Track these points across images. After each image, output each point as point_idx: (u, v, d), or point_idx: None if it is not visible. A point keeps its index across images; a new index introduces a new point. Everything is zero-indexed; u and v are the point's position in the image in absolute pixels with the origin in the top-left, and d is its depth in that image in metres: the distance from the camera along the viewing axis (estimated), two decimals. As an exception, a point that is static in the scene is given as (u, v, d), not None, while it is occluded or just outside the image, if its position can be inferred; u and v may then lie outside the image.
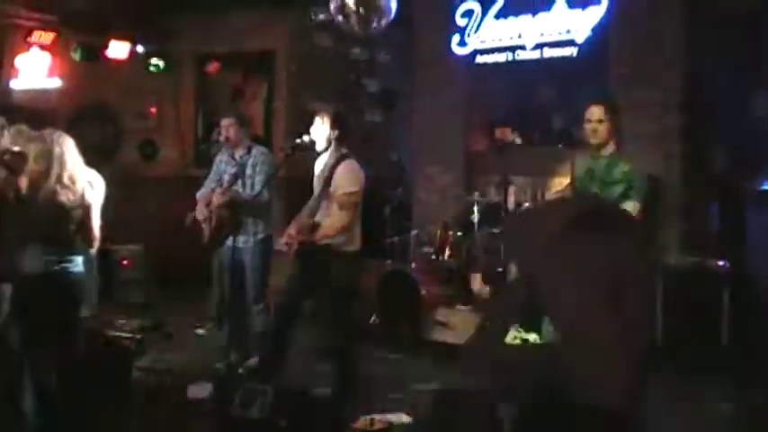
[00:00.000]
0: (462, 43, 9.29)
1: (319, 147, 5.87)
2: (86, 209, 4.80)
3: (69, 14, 10.32)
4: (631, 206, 5.11)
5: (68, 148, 4.79)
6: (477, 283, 8.01)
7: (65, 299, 4.83)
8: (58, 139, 4.79)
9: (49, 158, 4.69)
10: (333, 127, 5.79)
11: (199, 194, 6.88)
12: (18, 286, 4.80)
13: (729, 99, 7.88)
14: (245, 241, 6.61)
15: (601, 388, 2.66)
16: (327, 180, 5.76)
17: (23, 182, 4.69)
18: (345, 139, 5.87)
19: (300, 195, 6.24)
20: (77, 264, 4.84)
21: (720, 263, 7.22)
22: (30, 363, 4.77)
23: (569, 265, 2.75)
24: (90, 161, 5.04)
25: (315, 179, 5.97)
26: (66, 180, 4.71)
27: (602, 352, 2.70)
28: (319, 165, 5.96)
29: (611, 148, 5.38)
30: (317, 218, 5.76)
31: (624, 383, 2.71)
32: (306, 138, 5.85)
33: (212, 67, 10.97)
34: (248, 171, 6.67)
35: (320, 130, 5.83)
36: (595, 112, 5.37)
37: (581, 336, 2.73)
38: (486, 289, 7.87)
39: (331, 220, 5.71)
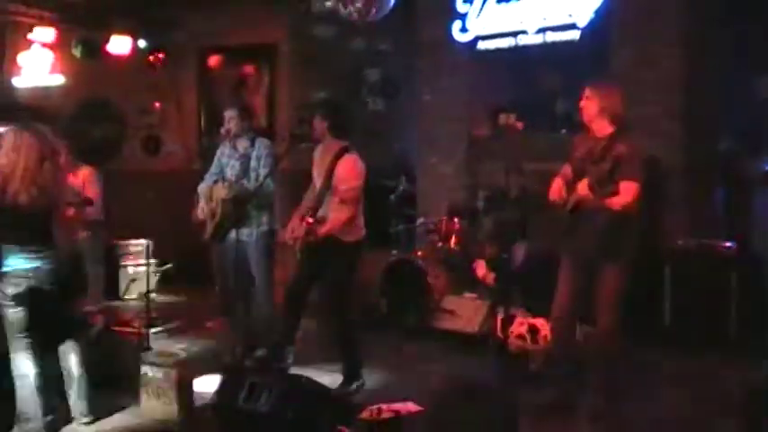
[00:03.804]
0: (464, 29, 9.21)
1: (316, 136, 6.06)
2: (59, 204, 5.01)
3: (69, 10, 10.30)
4: (623, 186, 5.14)
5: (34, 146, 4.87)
6: (482, 269, 7.98)
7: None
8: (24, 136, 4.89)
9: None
10: (326, 117, 5.93)
11: (200, 188, 6.86)
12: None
13: (732, 80, 7.83)
14: (248, 234, 6.60)
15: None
16: (329, 174, 5.85)
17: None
18: (341, 128, 5.99)
19: (303, 187, 6.30)
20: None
21: (727, 244, 7.20)
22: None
23: None
24: (94, 157, 5.08)
25: (314, 168, 6.07)
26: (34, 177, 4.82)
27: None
28: (317, 154, 6.09)
29: (608, 130, 5.37)
30: (322, 212, 5.93)
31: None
32: (302, 128, 6.04)
33: (214, 60, 10.98)
34: (253, 163, 6.67)
35: (316, 120, 6.03)
36: (586, 91, 5.48)
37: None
38: (492, 275, 7.85)
39: (335, 214, 5.87)
